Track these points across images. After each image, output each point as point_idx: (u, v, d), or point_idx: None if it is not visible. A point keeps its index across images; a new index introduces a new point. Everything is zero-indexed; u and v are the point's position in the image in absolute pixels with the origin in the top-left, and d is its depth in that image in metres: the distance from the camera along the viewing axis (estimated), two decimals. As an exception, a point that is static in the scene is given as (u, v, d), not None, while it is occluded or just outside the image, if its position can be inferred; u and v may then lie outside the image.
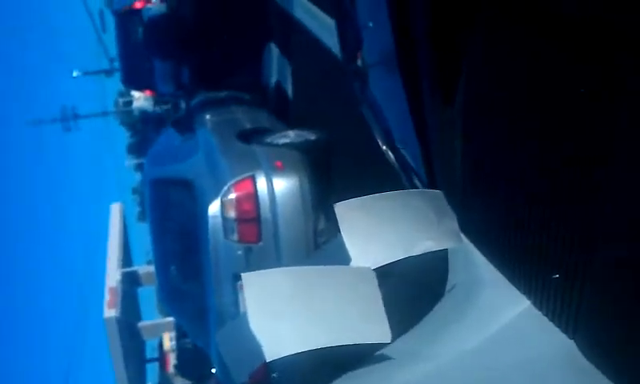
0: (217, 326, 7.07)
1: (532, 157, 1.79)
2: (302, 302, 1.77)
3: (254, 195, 6.98)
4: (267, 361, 1.76)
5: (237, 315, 6.89)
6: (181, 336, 19.78)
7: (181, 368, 20.40)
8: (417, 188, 2.68)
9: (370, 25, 3.14)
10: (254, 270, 6.06)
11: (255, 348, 1.70)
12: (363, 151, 4.83)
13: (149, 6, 11.51)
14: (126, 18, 12.34)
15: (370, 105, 3.40)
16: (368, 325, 1.75)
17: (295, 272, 1.82)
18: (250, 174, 7.05)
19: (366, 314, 1.76)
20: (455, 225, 2.08)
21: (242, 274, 1.70)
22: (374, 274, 1.80)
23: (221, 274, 6.95)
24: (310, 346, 1.71)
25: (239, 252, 6.92)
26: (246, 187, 7.01)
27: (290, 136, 7.75)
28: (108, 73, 29.94)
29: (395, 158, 3.05)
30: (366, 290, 1.78)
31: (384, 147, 3.27)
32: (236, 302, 6.96)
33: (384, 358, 1.84)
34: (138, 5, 11.68)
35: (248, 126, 8.57)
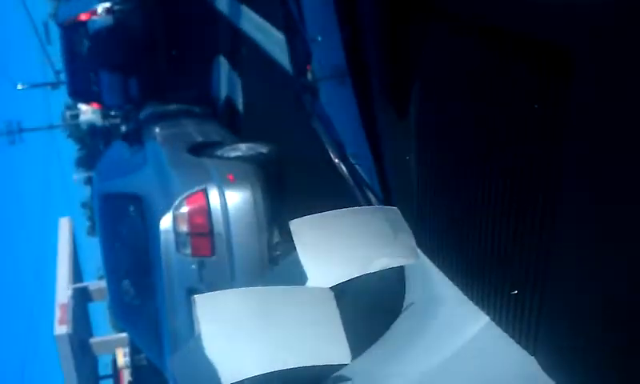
0: (170, 343, 6.98)
1: (483, 171, 1.79)
2: (258, 324, 1.73)
3: (207, 208, 6.92)
4: None
5: (191, 332, 6.82)
6: (135, 352, 19.49)
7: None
8: (371, 202, 2.66)
9: (319, 39, 3.13)
10: (207, 284, 5.98)
11: (211, 372, 1.66)
12: (315, 164, 4.82)
13: (94, 18, 11.35)
14: (72, 30, 12.14)
15: (321, 118, 3.39)
16: (327, 346, 1.72)
17: (250, 293, 1.78)
18: (201, 187, 6.99)
19: (325, 335, 1.74)
20: (412, 241, 2.07)
21: (195, 296, 1.66)
22: (331, 294, 1.77)
23: (174, 289, 6.87)
24: (268, 368, 1.68)
25: (192, 266, 6.86)
26: (198, 200, 6.95)
27: (242, 149, 7.71)
28: (54, 85, 29.42)
29: (348, 171, 3.03)
30: (323, 311, 1.75)
31: (336, 160, 3.26)
32: (190, 318, 6.87)
33: (343, 379, 1.81)
34: (83, 17, 11.50)
35: (198, 138, 8.51)
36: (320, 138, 3.48)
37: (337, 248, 1.93)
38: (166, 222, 6.85)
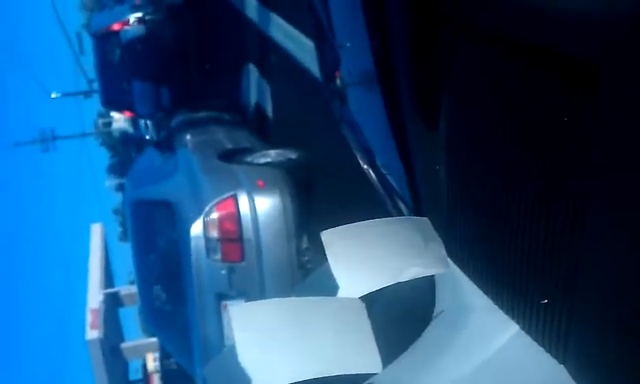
0: (201, 348, 7.04)
1: (512, 182, 1.80)
2: (290, 334, 1.76)
3: (237, 215, 6.97)
4: None
5: (221, 338, 6.88)
6: (165, 356, 19.64)
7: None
8: (401, 211, 2.68)
9: (348, 45, 3.15)
10: (237, 289, 6.01)
11: (245, 380, 1.69)
12: (343, 170, 4.84)
13: (126, 27, 11.50)
14: (104, 40, 12.32)
15: (350, 124, 3.41)
16: (358, 355, 1.75)
17: (283, 303, 1.81)
18: (231, 193, 7.04)
19: (356, 344, 1.76)
20: (442, 251, 2.08)
21: (230, 307, 1.69)
22: (363, 305, 1.80)
23: (204, 294, 6.93)
24: (300, 376, 1.71)
25: (222, 271, 6.91)
26: (228, 207, 7.00)
27: (271, 155, 7.76)
28: (87, 94, 29.81)
29: (377, 178, 3.05)
30: (355, 321, 1.78)
31: (365, 166, 3.28)
32: (220, 323, 6.94)
33: (374, 388, 1.84)
34: (115, 27, 11.66)
35: (228, 145, 8.58)
36: (349, 145, 3.50)
37: (368, 258, 1.95)
38: (196, 228, 6.91)
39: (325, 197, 7.34)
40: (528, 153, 1.69)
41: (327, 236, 1.96)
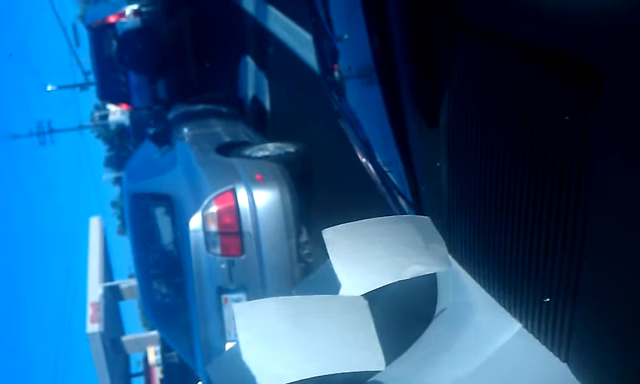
0: (201, 342, 7.06)
1: (514, 180, 1.81)
2: (294, 332, 1.77)
3: (235, 208, 6.98)
4: None
5: (221, 331, 6.91)
6: (166, 350, 19.68)
7: (167, 382, 20.29)
8: (401, 207, 2.68)
9: (346, 37, 3.13)
10: (237, 283, 6.01)
11: (248, 379, 1.70)
12: (342, 163, 4.84)
13: (123, 20, 11.48)
14: (100, 33, 12.29)
15: (348, 118, 3.40)
16: (361, 353, 1.76)
17: (286, 301, 1.81)
18: (230, 187, 7.05)
19: (359, 342, 1.77)
20: (444, 249, 2.09)
21: (234, 305, 1.70)
22: (365, 303, 1.80)
23: (204, 288, 6.95)
24: (304, 374, 1.71)
25: (222, 265, 6.93)
26: (227, 200, 7.01)
27: (269, 148, 7.77)
28: (83, 87, 29.75)
29: (376, 172, 3.05)
30: (357, 319, 1.79)
31: (363, 160, 3.27)
32: (220, 317, 6.96)
33: (377, 385, 1.85)
34: (111, 19, 11.63)
35: (226, 139, 8.58)
36: (347, 138, 3.50)
37: (369, 256, 1.95)
38: (195, 222, 6.92)
39: (323, 189, 7.35)
40: (528, 151, 1.69)
41: (329, 234, 1.96)
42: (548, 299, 1.69)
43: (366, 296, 1.89)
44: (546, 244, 1.67)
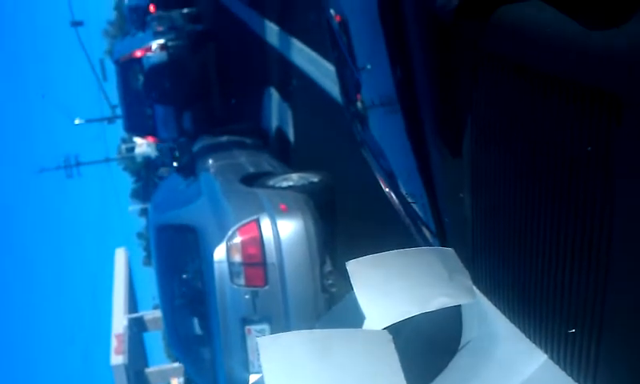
0: (225, 374, 7.05)
1: (537, 211, 1.80)
2: (318, 365, 1.76)
3: (259, 239, 6.99)
4: None
5: (245, 363, 6.90)
6: (189, 381, 19.65)
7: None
8: (425, 237, 2.68)
9: (369, 67, 3.15)
10: (261, 313, 5.99)
11: (273, 412, 1.70)
12: (366, 193, 4.84)
13: (149, 54, 11.65)
14: (127, 67, 12.48)
15: (371, 148, 3.41)
16: (386, 388, 1.75)
17: (311, 334, 1.81)
18: (254, 217, 7.07)
19: (384, 377, 1.76)
20: (468, 280, 2.08)
21: (258, 339, 1.70)
22: (390, 337, 1.80)
23: (228, 319, 6.95)
24: None
25: (246, 296, 6.93)
26: (251, 231, 7.03)
27: (293, 179, 7.80)
28: (110, 120, 30.18)
29: (400, 203, 3.05)
30: (382, 353, 1.78)
31: (387, 190, 3.28)
32: (244, 348, 6.95)
33: (401, 419, 1.84)
34: (138, 53, 11.82)
35: (251, 169, 8.63)
36: (370, 168, 3.51)
37: (393, 288, 1.95)
38: (219, 253, 6.94)
39: (347, 219, 7.35)
40: (552, 182, 1.69)
41: (353, 266, 1.96)
42: (573, 330, 1.67)
43: (390, 328, 1.88)
44: (570, 274, 1.66)
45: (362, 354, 1.77)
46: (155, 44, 11.54)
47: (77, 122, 31.60)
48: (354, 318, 1.92)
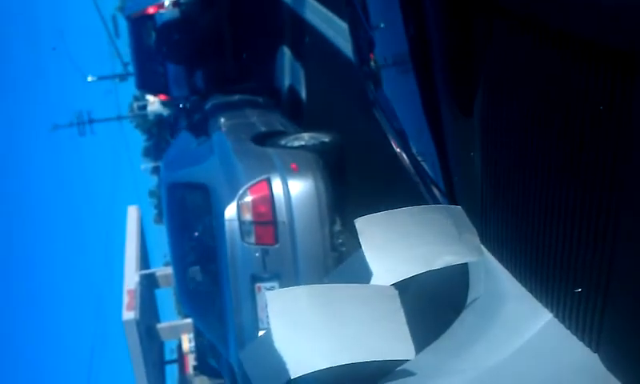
0: (235, 329, 7.12)
1: (547, 171, 1.79)
2: (325, 320, 1.78)
3: (270, 197, 7.01)
4: (292, 378, 1.78)
5: (255, 319, 6.96)
6: (199, 337, 19.84)
7: (200, 367, 20.44)
8: (435, 196, 2.68)
9: (382, 26, 3.13)
10: (271, 271, 6.05)
11: (280, 365, 1.72)
12: (377, 153, 4.84)
13: (161, 11, 11.56)
14: (139, 23, 12.39)
15: (383, 107, 3.40)
16: (391, 342, 1.76)
17: (318, 289, 1.83)
18: (265, 176, 7.09)
19: (389, 331, 1.78)
20: (476, 239, 2.08)
21: (266, 293, 1.72)
22: (396, 293, 1.81)
23: (238, 276, 7.00)
24: (334, 362, 1.73)
25: (256, 254, 6.96)
26: (262, 190, 7.05)
27: (305, 138, 7.79)
28: (122, 77, 30.08)
29: (410, 162, 3.05)
30: (388, 307, 1.79)
31: (398, 150, 3.27)
32: (254, 305, 7.01)
33: (407, 374, 1.85)
34: (150, 10, 11.72)
35: (262, 128, 8.62)
36: (382, 127, 3.50)
37: (401, 246, 1.96)
38: (230, 211, 6.97)
39: (357, 179, 7.34)
40: (562, 141, 1.68)
41: (361, 223, 1.97)
42: (580, 289, 1.68)
43: (397, 285, 1.89)
44: (579, 234, 1.66)
45: (368, 309, 1.78)
46: (168, 1, 11.43)
47: (89, 79, 31.50)
48: (362, 275, 1.93)
